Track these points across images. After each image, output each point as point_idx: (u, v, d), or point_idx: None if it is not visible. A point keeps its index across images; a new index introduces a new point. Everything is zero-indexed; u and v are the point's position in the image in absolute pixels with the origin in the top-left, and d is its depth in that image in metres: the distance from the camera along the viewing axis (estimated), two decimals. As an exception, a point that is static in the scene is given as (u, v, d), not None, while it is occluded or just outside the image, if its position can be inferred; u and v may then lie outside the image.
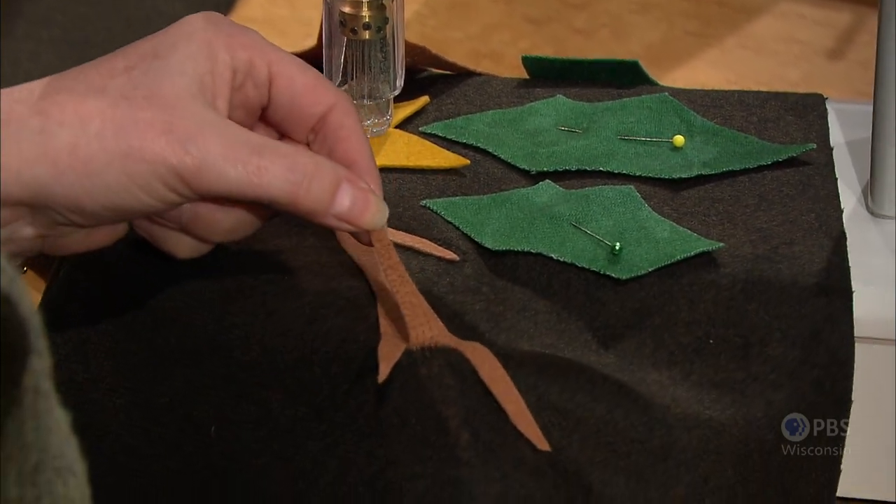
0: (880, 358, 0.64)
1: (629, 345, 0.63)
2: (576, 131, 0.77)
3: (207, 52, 0.56)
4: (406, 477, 0.54)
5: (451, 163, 0.74)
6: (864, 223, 0.71)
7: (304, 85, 0.58)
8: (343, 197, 0.57)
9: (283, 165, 0.55)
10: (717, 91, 0.81)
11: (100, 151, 0.53)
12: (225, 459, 0.57)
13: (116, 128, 0.54)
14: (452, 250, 0.67)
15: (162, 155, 0.54)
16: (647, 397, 0.60)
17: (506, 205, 0.70)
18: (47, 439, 0.38)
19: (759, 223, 0.69)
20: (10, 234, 0.56)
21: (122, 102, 0.54)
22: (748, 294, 0.64)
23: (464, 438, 0.54)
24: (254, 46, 0.58)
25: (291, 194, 0.56)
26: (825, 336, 0.63)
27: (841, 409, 0.62)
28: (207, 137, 0.54)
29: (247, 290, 0.61)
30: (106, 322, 0.62)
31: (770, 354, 0.62)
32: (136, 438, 0.59)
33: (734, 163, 0.74)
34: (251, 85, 0.58)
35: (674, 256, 0.66)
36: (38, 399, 0.37)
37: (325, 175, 0.57)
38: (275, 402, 0.57)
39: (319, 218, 0.57)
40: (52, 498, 0.38)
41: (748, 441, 0.61)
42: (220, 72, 0.57)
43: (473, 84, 0.82)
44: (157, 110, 0.54)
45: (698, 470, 0.60)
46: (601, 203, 0.70)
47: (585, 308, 0.65)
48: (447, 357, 0.57)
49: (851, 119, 0.78)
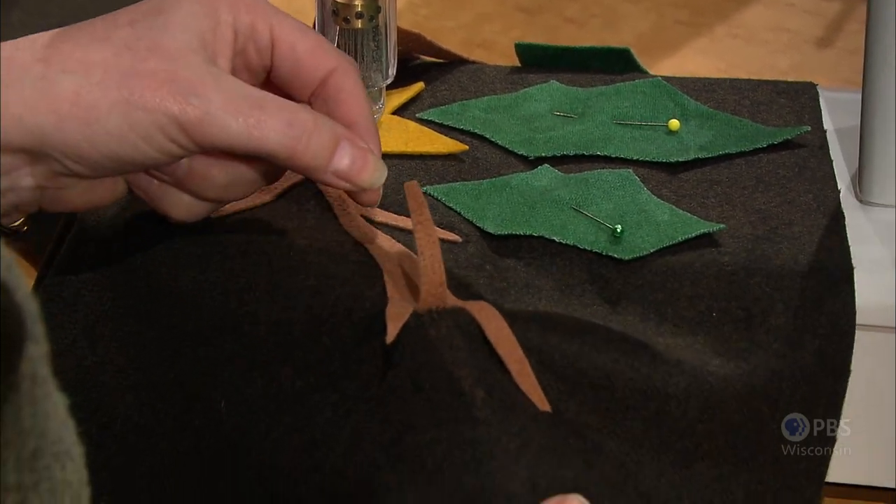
0: (872, 344, 0.64)
1: (632, 319, 0.63)
2: (571, 116, 0.77)
3: (210, 11, 0.57)
4: (424, 443, 0.53)
5: (450, 148, 0.74)
6: (853, 210, 0.71)
7: (305, 49, 0.59)
8: (342, 154, 0.57)
9: (283, 120, 0.56)
10: (709, 78, 0.81)
11: (102, 99, 0.53)
12: (236, 434, 0.57)
13: (119, 76, 0.54)
14: (455, 233, 0.67)
15: (163, 104, 0.54)
16: (649, 365, 0.60)
17: (506, 190, 0.70)
18: (45, 425, 0.38)
19: (757, 204, 0.70)
20: (10, 183, 0.55)
21: (126, 52, 0.54)
22: (750, 270, 0.65)
23: (478, 397, 0.54)
24: (256, 10, 0.58)
25: (290, 149, 0.56)
26: (827, 307, 0.63)
27: (839, 381, 0.62)
28: (209, 88, 0.54)
29: (252, 267, 0.61)
30: (111, 304, 0.62)
31: (773, 324, 0.63)
32: (146, 418, 0.59)
33: (730, 146, 0.74)
34: (253, 48, 0.58)
35: (675, 238, 0.66)
36: (35, 385, 0.37)
37: (325, 132, 0.57)
38: (284, 375, 0.57)
39: (318, 174, 0.57)
40: (51, 483, 0.38)
41: (743, 410, 0.61)
42: (222, 32, 0.57)
43: (467, 71, 0.82)
44: (160, 60, 0.54)
45: (692, 437, 0.60)
46: (601, 187, 0.70)
47: (588, 285, 0.65)
48: (455, 318, 0.57)
49: (840, 107, 0.79)
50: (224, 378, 0.58)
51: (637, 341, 0.61)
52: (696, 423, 0.60)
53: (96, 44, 0.54)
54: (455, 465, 0.53)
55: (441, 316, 0.57)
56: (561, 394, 0.59)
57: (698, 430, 0.61)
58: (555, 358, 0.59)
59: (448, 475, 0.52)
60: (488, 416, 0.54)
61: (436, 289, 0.57)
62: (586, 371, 0.60)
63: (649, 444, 0.60)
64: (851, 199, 0.72)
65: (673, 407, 0.60)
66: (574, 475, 0.53)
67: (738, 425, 0.61)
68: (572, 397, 0.59)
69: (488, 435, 0.53)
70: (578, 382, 0.59)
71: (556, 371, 0.59)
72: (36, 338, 0.37)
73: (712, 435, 0.61)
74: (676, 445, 0.60)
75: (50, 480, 0.38)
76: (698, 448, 0.61)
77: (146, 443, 0.59)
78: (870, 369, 0.64)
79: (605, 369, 0.60)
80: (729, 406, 0.61)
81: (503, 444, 0.53)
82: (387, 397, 0.55)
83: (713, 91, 0.79)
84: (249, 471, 0.57)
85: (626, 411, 0.60)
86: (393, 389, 0.55)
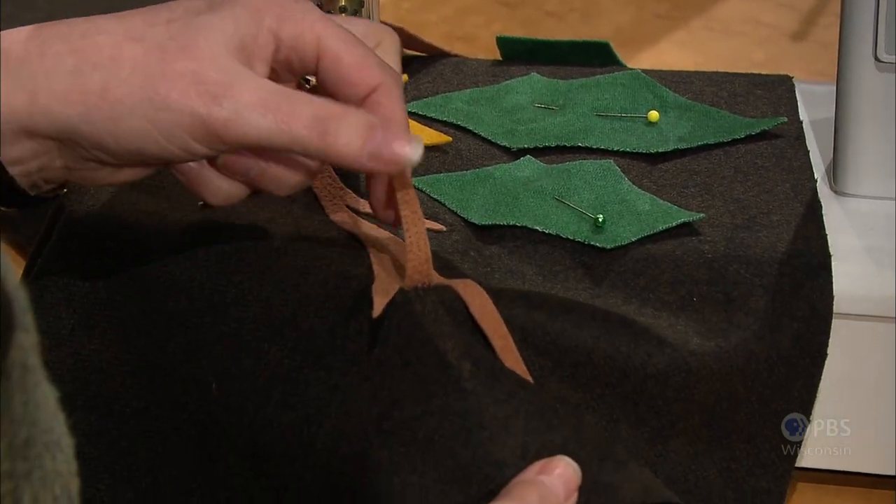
0: (846, 333, 0.65)
1: (614, 303, 0.64)
2: (552, 108, 0.78)
3: (253, 17, 0.56)
4: (414, 416, 0.54)
5: (434, 140, 0.75)
6: (827, 201, 0.71)
7: (349, 64, 0.57)
8: (374, 134, 0.55)
9: (311, 111, 0.54)
10: (687, 71, 0.82)
11: (127, 96, 0.53)
12: (228, 415, 0.58)
13: (145, 75, 0.53)
14: (440, 223, 0.68)
15: (189, 105, 0.53)
16: (629, 344, 0.61)
17: (489, 180, 0.71)
18: (36, 414, 0.38)
19: (736, 194, 0.71)
20: (42, 164, 0.56)
21: (156, 52, 0.54)
22: (729, 257, 0.65)
23: (465, 369, 0.55)
24: (305, 21, 0.57)
25: (320, 137, 0.54)
26: (805, 292, 0.64)
27: (816, 364, 0.63)
28: (238, 88, 0.54)
29: (241, 251, 0.61)
30: (106, 293, 0.62)
31: (752, 307, 0.64)
32: (144, 401, 0.60)
33: (708, 136, 0.75)
34: (297, 59, 0.57)
35: (656, 227, 0.67)
36: (26, 374, 0.37)
37: (354, 117, 0.55)
38: (272, 354, 0.57)
39: (355, 161, 0.55)
40: (43, 472, 0.38)
41: (719, 391, 0.62)
42: (264, 38, 0.56)
43: (449, 64, 0.83)
44: (190, 61, 0.54)
45: (668, 415, 0.61)
46: (582, 177, 0.71)
47: (571, 272, 0.66)
48: (440, 294, 0.57)
49: (814, 99, 0.80)
50: (213, 359, 0.58)
51: (619, 320, 0.62)
52: (672, 402, 0.61)
53: (129, 40, 0.54)
54: (445, 437, 0.53)
55: (427, 293, 0.57)
56: (542, 370, 0.60)
57: (674, 409, 0.61)
58: (538, 335, 0.60)
59: (439, 447, 0.53)
60: (476, 386, 0.54)
61: (422, 265, 0.58)
62: (567, 348, 0.60)
63: (626, 420, 0.61)
64: (826, 190, 0.73)
65: (650, 385, 0.61)
66: (562, 440, 0.53)
67: (714, 405, 0.62)
68: (553, 373, 0.60)
69: (477, 405, 0.54)
70: (560, 359, 0.60)
71: (537, 347, 0.60)
72: (25, 326, 0.37)
73: (688, 414, 0.62)
74: (652, 423, 0.61)
75: (41, 469, 0.38)
76: (674, 426, 0.62)
77: (145, 426, 0.60)
78: (842, 358, 0.65)
79: (586, 347, 0.61)
80: (705, 386, 0.62)
81: (492, 412, 0.53)
82: (374, 372, 0.56)
83: (691, 83, 0.80)
84: (243, 450, 0.58)
85: (605, 388, 0.61)
86: (380, 364, 0.55)
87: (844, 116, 0.73)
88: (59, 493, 0.39)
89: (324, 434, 0.55)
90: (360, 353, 0.56)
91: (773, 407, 0.63)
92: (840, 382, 0.65)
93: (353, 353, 0.56)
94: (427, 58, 0.83)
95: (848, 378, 0.66)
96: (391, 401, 0.54)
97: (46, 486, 0.38)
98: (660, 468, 0.61)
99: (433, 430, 0.53)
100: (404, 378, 0.55)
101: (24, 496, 0.37)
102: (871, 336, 0.66)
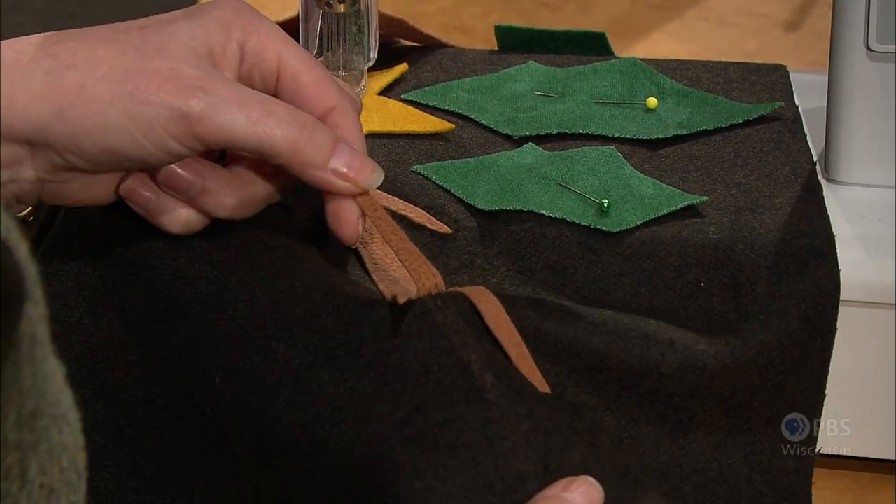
0: (840, 319, 0.65)
1: (625, 294, 0.65)
2: (551, 96, 0.78)
3: (223, 29, 0.57)
4: (437, 423, 0.54)
5: (437, 127, 0.76)
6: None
7: (307, 84, 0.59)
8: (341, 152, 0.58)
9: (285, 114, 0.56)
10: (682, 60, 0.83)
11: (104, 92, 0.54)
12: (235, 407, 0.58)
13: (123, 72, 0.54)
14: (444, 220, 0.68)
15: (167, 98, 0.54)
16: (641, 347, 0.62)
17: (493, 167, 0.72)
18: (44, 386, 0.38)
19: (737, 178, 0.71)
20: (11, 175, 0.56)
21: (132, 52, 0.55)
22: (734, 239, 0.66)
23: (488, 381, 0.55)
24: (268, 37, 0.58)
25: (294, 141, 0.56)
26: (810, 270, 0.64)
27: (826, 341, 0.64)
28: (214, 83, 0.55)
29: (252, 250, 0.61)
30: (113, 283, 0.62)
31: (759, 293, 0.64)
32: (151, 392, 0.60)
33: (707, 122, 0.76)
34: (258, 74, 0.58)
35: (660, 211, 0.68)
36: (35, 346, 0.37)
37: (324, 129, 0.57)
38: (282, 352, 0.58)
39: (318, 172, 0.57)
40: (49, 444, 0.38)
41: (735, 382, 0.63)
42: (232, 50, 0.57)
43: (447, 54, 0.83)
44: (166, 60, 0.55)
45: (686, 411, 0.62)
46: (585, 163, 0.72)
47: (579, 258, 0.66)
48: (458, 305, 0.58)
49: (807, 89, 0.80)
50: (218, 354, 0.59)
51: (628, 325, 0.62)
52: (689, 397, 0.62)
53: (104, 43, 0.55)
54: (468, 445, 0.54)
55: (446, 304, 0.58)
56: (559, 377, 0.61)
57: (692, 405, 0.62)
58: (550, 343, 0.61)
59: (462, 454, 0.53)
60: (498, 398, 0.55)
61: (421, 266, 0.59)
62: (581, 355, 0.61)
63: (645, 419, 0.62)
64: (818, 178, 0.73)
65: (666, 384, 0.62)
66: (581, 456, 0.54)
67: (730, 396, 0.63)
68: (569, 380, 0.61)
69: (500, 416, 0.54)
70: (575, 366, 0.61)
71: (551, 356, 0.61)
72: (35, 299, 0.37)
73: (706, 407, 0.63)
74: (671, 419, 0.62)
75: (48, 442, 0.38)
76: (693, 420, 0.62)
77: (150, 416, 0.60)
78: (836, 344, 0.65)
79: (599, 352, 0.62)
80: (720, 380, 0.63)
81: (514, 425, 0.54)
82: (394, 378, 0.56)
83: (687, 71, 0.81)
84: (250, 442, 0.58)
85: (622, 390, 0.62)
86: (400, 371, 0.56)
87: (837, 105, 0.73)
88: (66, 466, 0.39)
89: (339, 434, 0.55)
90: (376, 358, 0.56)
91: (788, 388, 0.64)
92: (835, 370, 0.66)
93: (368, 356, 0.57)
94: (425, 47, 0.84)
95: (841, 365, 0.66)
96: (413, 407, 0.55)
97: (53, 458, 0.39)
98: (684, 460, 0.62)
99: (456, 438, 0.54)
100: (427, 386, 0.55)
101: (31, 467, 0.38)
102: (865, 322, 0.67)
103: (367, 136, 0.74)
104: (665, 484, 0.61)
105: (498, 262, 0.67)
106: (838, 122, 0.73)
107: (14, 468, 0.37)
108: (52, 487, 0.38)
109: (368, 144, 0.73)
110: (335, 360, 0.57)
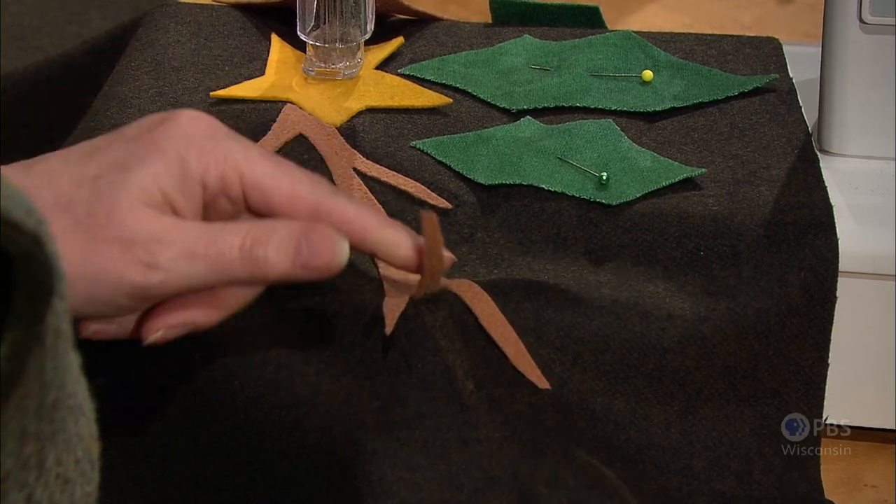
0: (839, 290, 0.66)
1: (624, 263, 0.66)
2: (547, 69, 0.79)
3: (179, 167, 0.56)
4: (414, 415, 0.55)
5: (435, 102, 0.76)
6: (813, 160, 0.72)
7: (279, 200, 0.57)
8: (302, 249, 0.56)
9: (238, 243, 0.55)
10: (676, 32, 0.83)
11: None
12: (213, 387, 0.59)
13: (79, 249, 0.54)
14: (444, 195, 0.69)
15: (125, 277, 0.54)
16: (641, 324, 0.63)
17: (492, 141, 0.72)
18: (64, 378, 0.38)
19: (734, 150, 0.72)
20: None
21: (86, 220, 0.54)
22: (734, 209, 0.67)
23: (468, 388, 0.57)
24: (226, 161, 0.56)
25: (251, 267, 0.55)
26: (809, 240, 0.65)
27: (826, 309, 0.65)
28: (166, 244, 0.54)
29: None
30: None
31: (759, 260, 0.65)
32: (132, 372, 0.60)
33: (703, 94, 0.76)
34: (225, 200, 0.57)
35: (659, 183, 0.68)
36: (58, 339, 0.37)
37: (281, 233, 0.56)
38: (265, 341, 0.58)
39: (287, 277, 0.56)
40: (66, 434, 0.39)
41: (737, 352, 0.64)
42: (190, 188, 0.56)
43: (443, 28, 0.83)
44: (117, 228, 0.54)
45: (693, 384, 0.63)
46: (583, 136, 0.72)
47: (579, 230, 0.67)
48: (450, 308, 0.59)
49: (800, 61, 0.81)
50: (199, 340, 0.58)
51: (625, 302, 0.63)
52: (693, 371, 0.63)
53: (59, 209, 0.54)
54: (443, 441, 0.55)
55: (438, 306, 0.59)
56: (564, 364, 0.61)
57: (697, 378, 0.63)
58: (552, 332, 0.62)
59: (434, 451, 0.55)
60: (476, 404, 0.56)
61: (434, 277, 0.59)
62: (583, 339, 0.62)
63: (654, 398, 0.63)
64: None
65: (670, 359, 0.63)
66: (554, 464, 0.56)
67: (734, 366, 0.64)
68: (575, 366, 0.62)
69: (476, 421, 0.55)
70: (579, 351, 0.62)
71: (554, 344, 0.62)
72: (61, 293, 0.37)
73: (711, 379, 0.63)
74: (679, 395, 0.63)
75: (65, 432, 0.39)
76: (700, 394, 0.63)
77: (128, 392, 0.60)
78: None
79: (601, 333, 0.62)
80: (722, 349, 0.63)
81: (489, 431, 0.55)
82: (375, 369, 0.57)
83: (681, 43, 0.81)
84: (223, 424, 0.58)
85: (629, 370, 0.62)
86: (383, 364, 0.57)
87: (830, 77, 0.74)
88: (80, 456, 0.40)
89: (317, 416, 0.56)
90: (366, 356, 0.57)
91: (791, 357, 0.64)
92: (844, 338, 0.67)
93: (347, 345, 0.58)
94: (420, 21, 0.84)
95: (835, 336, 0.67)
96: (394, 398, 0.56)
97: (69, 448, 0.39)
98: (695, 437, 0.63)
99: (431, 434, 0.55)
100: (408, 381, 0.56)
101: (49, 457, 0.38)
102: (860, 292, 0.67)
103: (365, 112, 0.75)
104: (677, 462, 0.62)
105: (498, 236, 0.67)
106: (831, 94, 0.74)
107: (32, 458, 0.37)
108: (67, 477, 0.39)
109: (366, 119, 0.74)
110: (323, 352, 0.58)
